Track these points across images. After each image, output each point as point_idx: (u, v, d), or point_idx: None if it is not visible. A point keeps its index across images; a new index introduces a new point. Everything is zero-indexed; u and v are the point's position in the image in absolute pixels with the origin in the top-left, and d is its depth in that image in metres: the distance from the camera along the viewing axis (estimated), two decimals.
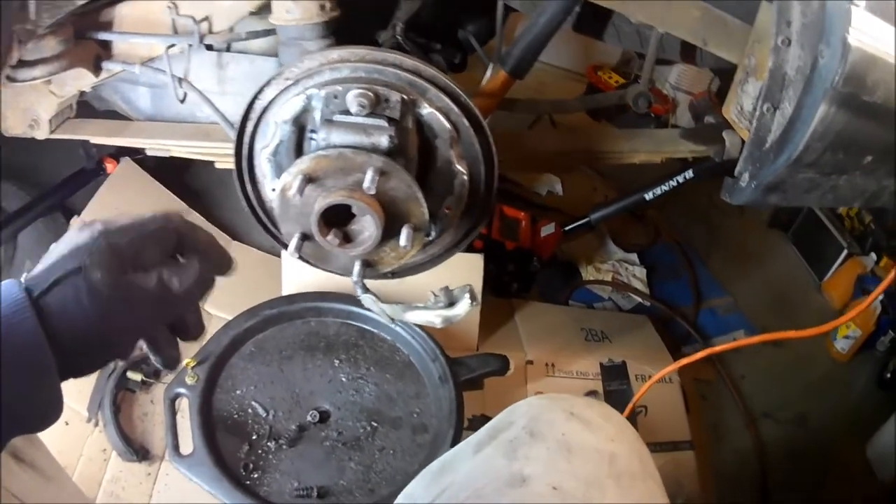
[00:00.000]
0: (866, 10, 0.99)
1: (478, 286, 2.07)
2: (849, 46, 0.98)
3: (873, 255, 2.96)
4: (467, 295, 1.32)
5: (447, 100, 1.33)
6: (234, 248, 2.43)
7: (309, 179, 1.23)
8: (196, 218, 2.42)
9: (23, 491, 0.86)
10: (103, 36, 1.55)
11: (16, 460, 0.79)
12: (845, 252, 3.03)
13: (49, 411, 0.78)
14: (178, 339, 0.96)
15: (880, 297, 2.69)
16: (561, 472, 0.96)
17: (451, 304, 1.33)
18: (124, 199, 2.30)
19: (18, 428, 0.78)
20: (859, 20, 0.99)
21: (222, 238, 2.45)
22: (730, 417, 2.55)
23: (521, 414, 1.08)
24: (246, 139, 1.41)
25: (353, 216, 1.28)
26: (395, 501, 1.12)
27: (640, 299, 2.80)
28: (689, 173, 2.23)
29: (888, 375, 2.72)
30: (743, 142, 1.28)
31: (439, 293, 1.34)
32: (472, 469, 1.02)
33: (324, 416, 1.65)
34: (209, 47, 1.68)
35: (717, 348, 1.58)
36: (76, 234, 0.84)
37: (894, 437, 2.36)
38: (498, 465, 0.99)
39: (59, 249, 0.83)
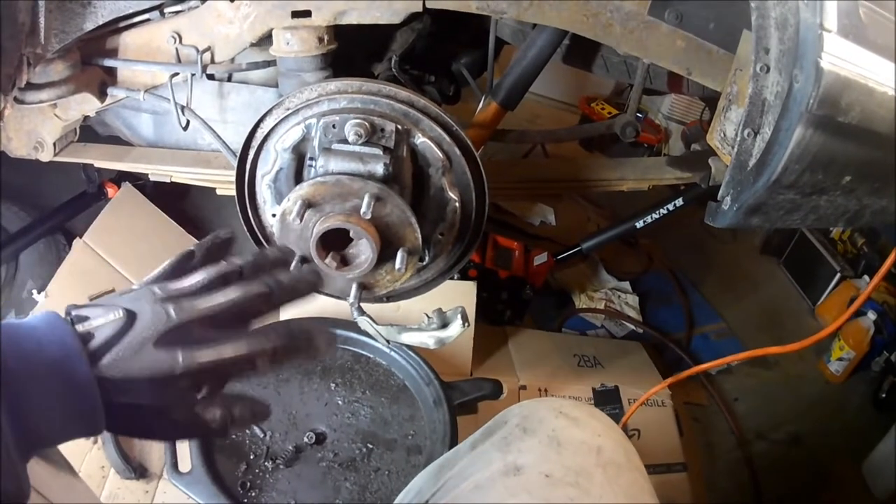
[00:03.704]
0: (838, 35, 1.03)
1: (471, 311, 2.10)
2: (822, 70, 1.02)
3: (866, 278, 3.01)
4: (459, 316, 1.35)
5: (439, 130, 1.38)
6: None
7: (308, 205, 1.28)
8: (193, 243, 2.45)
9: (37, 481, 0.89)
10: (108, 62, 1.59)
11: None
12: (838, 275, 3.07)
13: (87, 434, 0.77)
14: None
15: (874, 318, 2.73)
16: (552, 462, 1.02)
17: (444, 325, 1.37)
18: (125, 224, 2.33)
19: (53, 444, 0.78)
20: (832, 45, 1.03)
21: None
22: (723, 439, 2.57)
23: (514, 414, 1.14)
24: (247, 166, 1.45)
25: (350, 240, 1.32)
26: (398, 498, 1.17)
27: (632, 326, 2.83)
28: (679, 201, 2.28)
29: (883, 395, 2.74)
30: (727, 167, 1.31)
31: (432, 315, 1.38)
32: (469, 463, 1.09)
33: (320, 438, 1.67)
34: (211, 77, 1.72)
35: (704, 366, 1.61)
36: (154, 356, 0.75)
37: (891, 454, 2.37)
38: (493, 457, 1.06)
39: (135, 360, 0.74)
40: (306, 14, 1.47)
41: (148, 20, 1.56)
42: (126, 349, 0.74)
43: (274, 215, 1.43)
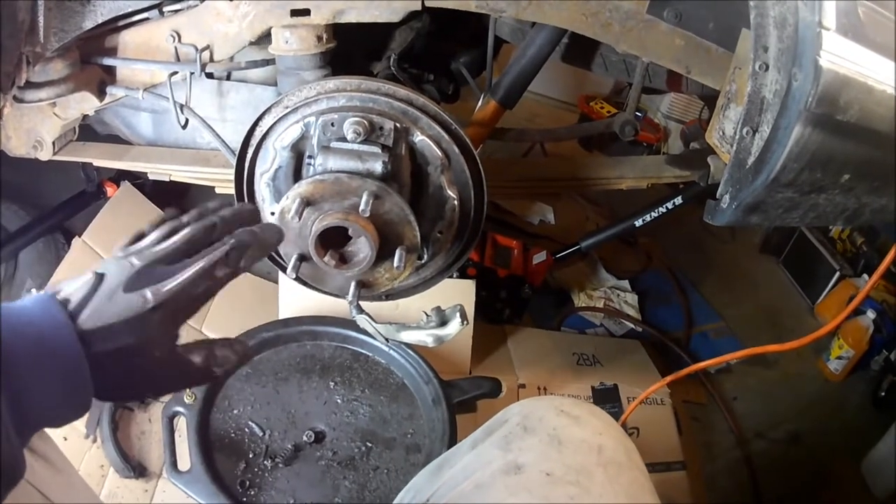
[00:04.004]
0: (837, 33, 1.04)
1: (470, 310, 2.10)
2: (821, 68, 1.02)
3: (865, 277, 3.00)
4: (458, 315, 1.35)
5: (438, 128, 1.38)
6: None
7: (307, 203, 1.28)
8: None
9: (37, 480, 0.90)
10: (108, 61, 1.60)
11: (29, 451, 0.82)
12: (837, 274, 3.07)
13: (78, 415, 0.82)
14: None
15: (873, 317, 2.73)
16: (552, 461, 1.02)
17: (443, 323, 1.37)
18: (124, 223, 2.33)
19: (46, 424, 0.82)
20: (831, 43, 1.03)
21: None
22: (722, 438, 2.56)
23: (514, 413, 1.13)
24: (246, 164, 1.45)
25: (348, 238, 1.33)
26: (398, 497, 1.16)
27: (632, 325, 2.82)
28: (678, 199, 2.28)
29: (882, 394, 2.74)
30: (726, 165, 1.32)
31: (431, 313, 1.38)
32: (470, 461, 1.08)
33: (319, 437, 1.67)
34: (210, 75, 1.73)
35: (703, 364, 1.61)
36: (125, 298, 0.82)
37: (890, 453, 2.37)
38: (493, 455, 1.05)
39: (109, 307, 0.81)
40: (305, 13, 1.47)
41: (147, 19, 1.56)
42: (100, 300, 0.80)
43: (273, 213, 1.43)
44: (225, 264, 0.88)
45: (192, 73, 1.57)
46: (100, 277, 0.83)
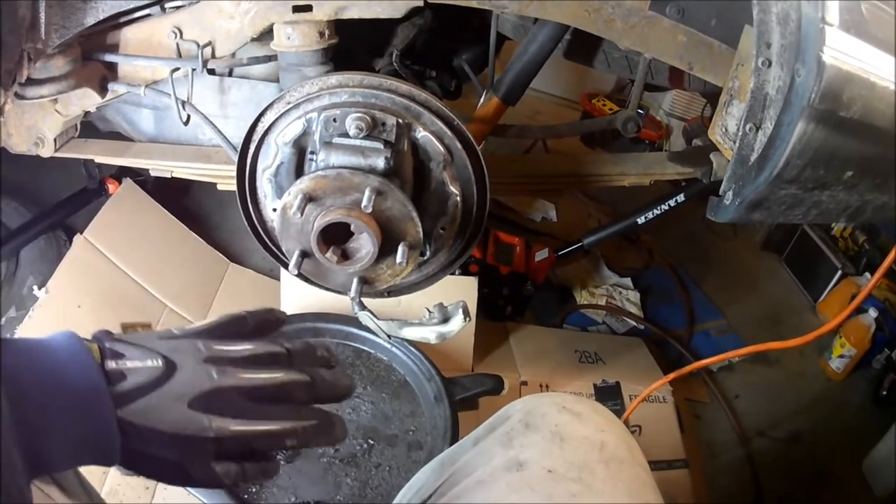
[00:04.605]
0: (840, 29, 1.04)
1: (472, 307, 2.10)
2: (824, 64, 1.03)
3: (867, 275, 2.99)
4: (461, 311, 1.35)
5: (441, 124, 1.38)
6: (232, 271, 2.46)
7: (309, 199, 1.28)
8: (194, 239, 2.46)
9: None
10: (109, 57, 1.59)
11: None
12: (839, 273, 3.06)
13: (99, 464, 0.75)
14: None
15: (875, 315, 2.73)
16: (554, 458, 1.01)
17: (446, 320, 1.37)
18: (126, 220, 2.33)
19: (59, 468, 0.75)
20: (833, 39, 1.03)
21: (221, 261, 2.48)
22: (724, 436, 2.56)
23: (517, 409, 1.13)
24: (248, 161, 1.45)
25: (351, 234, 1.32)
26: (400, 494, 1.17)
27: (634, 323, 2.82)
28: (680, 197, 2.28)
29: (884, 393, 2.74)
30: (729, 162, 1.32)
31: (434, 309, 1.37)
32: (472, 458, 1.08)
33: None
34: (212, 72, 1.72)
35: (705, 362, 1.61)
36: (188, 416, 0.73)
37: (891, 452, 2.37)
38: (495, 452, 1.05)
39: (166, 412, 0.73)
40: (307, 9, 1.47)
41: (149, 15, 1.56)
42: (160, 400, 0.73)
43: (275, 210, 1.43)
44: (295, 437, 0.81)
45: (193, 70, 1.57)
46: (170, 370, 0.75)
